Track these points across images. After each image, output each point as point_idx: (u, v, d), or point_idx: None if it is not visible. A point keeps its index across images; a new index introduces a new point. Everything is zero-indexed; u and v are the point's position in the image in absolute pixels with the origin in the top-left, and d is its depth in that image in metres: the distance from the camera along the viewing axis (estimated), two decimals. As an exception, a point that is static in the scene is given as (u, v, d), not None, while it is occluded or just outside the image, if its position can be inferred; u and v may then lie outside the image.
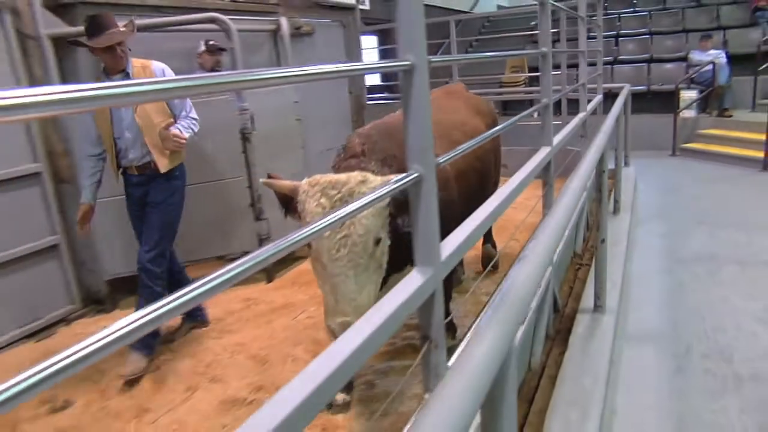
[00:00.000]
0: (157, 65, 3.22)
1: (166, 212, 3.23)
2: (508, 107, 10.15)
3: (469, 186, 2.90)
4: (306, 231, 0.93)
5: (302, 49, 5.59)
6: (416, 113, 1.25)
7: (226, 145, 4.12)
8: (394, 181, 1.22)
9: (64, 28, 3.75)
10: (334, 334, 2.02)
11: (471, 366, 0.89)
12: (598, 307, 3.22)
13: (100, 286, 4.08)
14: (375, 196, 1.17)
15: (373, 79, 10.57)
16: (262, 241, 4.15)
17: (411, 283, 1.29)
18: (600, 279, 3.21)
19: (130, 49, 3.09)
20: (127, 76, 3.06)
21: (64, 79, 3.85)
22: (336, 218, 1.05)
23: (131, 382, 3.07)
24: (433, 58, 1.33)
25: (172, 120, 3.20)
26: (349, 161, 2.34)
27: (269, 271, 4.30)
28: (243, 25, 4.40)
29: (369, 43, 9.88)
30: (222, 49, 4.42)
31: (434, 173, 1.30)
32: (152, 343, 3.26)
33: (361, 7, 7.12)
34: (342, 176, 2.03)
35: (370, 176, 2.04)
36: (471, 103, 3.47)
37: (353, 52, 6.54)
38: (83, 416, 2.88)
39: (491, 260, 4.00)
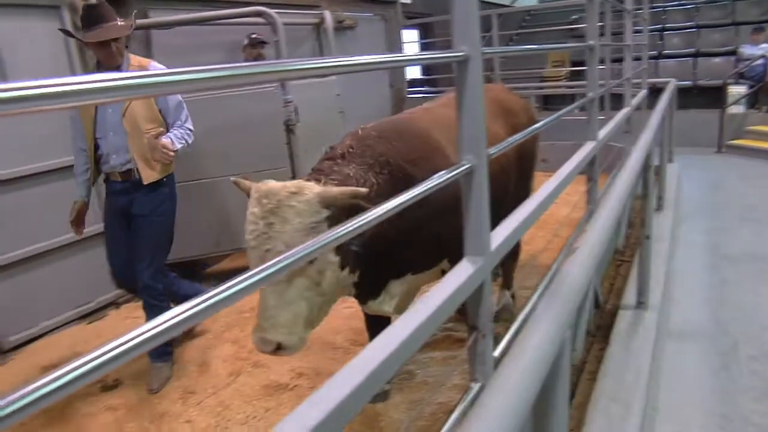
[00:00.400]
0: (155, 67, 2.92)
1: (158, 224, 3.01)
2: (549, 102, 10.01)
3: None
4: (325, 239, 0.93)
5: (344, 43, 5.65)
6: (470, 104, 1.26)
7: (270, 136, 4.19)
8: (446, 172, 1.24)
9: (117, 22, 3.87)
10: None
11: (526, 357, 0.90)
12: (640, 303, 3.18)
13: (147, 272, 4.22)
14: (420, 191, 1.18)
15: (414, 72, 10.56)
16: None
17: (461, 273, 1.32)
18: (643, 275, 3.17)
19: (127, 46, 2.91)
20: None
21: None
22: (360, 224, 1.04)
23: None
24: (486, 49, 1.35)
25: (162, 129, 2.95)
26: (324, 163, 2.13)
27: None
28: (287, 18, 4.47)
29: (410, 37, 9.86)
30: (264, 43, 4.49)
31: (486, 164, 1.32)
32: (169, 350, 3.22)
33: (402, 1, 7.13)
34: (279, 185, 1.88)
35: (307, 187, 1.86)
36: (495, 100, 3.01)
37: (395, 45, 6.56)
38: (132, 396, 3.00)
39: (506, 310, 3.36)
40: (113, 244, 3.10)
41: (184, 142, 2.95)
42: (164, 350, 3.15)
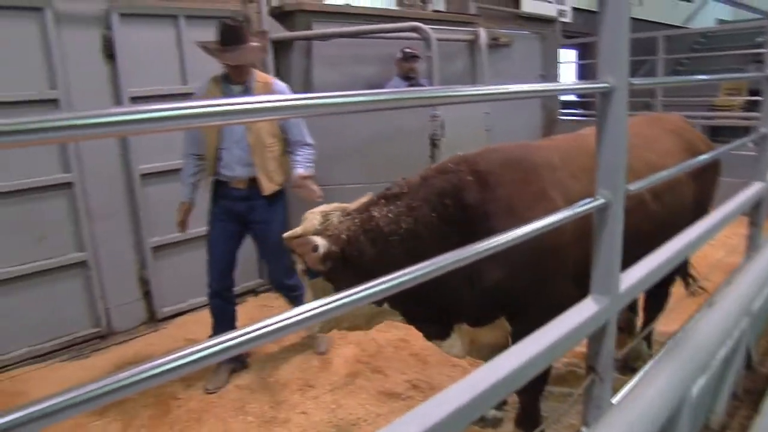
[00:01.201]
0: (278, 85, 3.11)
1: (277, 229, 2.97)
2: (719, 134, 9.11)
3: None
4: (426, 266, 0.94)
5: (498, 60, 5.61)
6: (610, 137, 1.21)
7: (414, 149, 4.25)
8: (578, 204, 1.20)
9: (283, 33, 4.20)
10: None
11: (636, 408, 0.84)
12: (804, 372, 2.79)
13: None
14: (552, 221, 1.14)
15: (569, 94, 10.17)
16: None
17: (584, 310, 1.26)
18: (812, 340, 2.77)
19: (254, 65, 3.06)
20: (246, 90, 2.97)
21: (279, 76, 4.30)
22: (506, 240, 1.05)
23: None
24: (635, 81, 1.28)
25: (278, 147, 3.09)
26: (371, 199, 2.15)
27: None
28: (442, 34, 4.53)
29: (568, 57, 9.53)
30: (416, 57, 4.59)
31: (623, 200, 1.25)
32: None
33: (562, 19, 6.92)
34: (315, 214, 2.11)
35: (304, 230, 2.07)
36: (675, 133, 2.66)
37: (550, 65, 6.40)
38: (257, 380, 3.21)
39: (639, 356, 2.97)
40: (218, 247, 3.21)
41: (311, 164, 3.10)
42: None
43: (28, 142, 0.50)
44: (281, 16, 4.27)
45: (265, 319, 0.70)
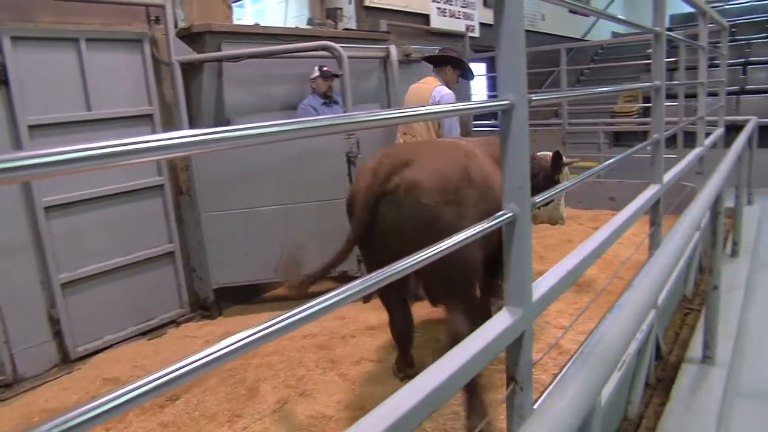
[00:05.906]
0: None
1: None
2: (621, 138, 9.71)
3: None
4: (397, 267, 0.96)
5: (410, 75, 5.69)
6: (514, 152, 1.25)
7: (331, 168, 4.27)
8: (488, 220, 1.22)
9: (192, 55, 4.10)
10: None
11: (551, 421, 0.86)
12: (707, 358, 2.99)
13: (208, 293, 4.34)
14: (466, 235, 1.17)
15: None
16: (360, 262, 4.24)
17: (500, 322, 1.28)
18: (711, 328, 2.98)
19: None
20: None
21: (189, 99, 4.19)
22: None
23: None
24: (535, 97, 1.33)
25: None
26: None
27: (365, 291, 4.38)
28: (353, 52, 4.56)
29: (478, 70, 9.90)
30: (335, 75, 4.60)
31: (530, 213, 1.29)
32: None
33: (470, 34, 7.16)
34: None
35: None
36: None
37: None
38: (182, 414, 3.06)
39: None
40: None
41: None
42: None
43: None
44: (189, 37, 4.17)
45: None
